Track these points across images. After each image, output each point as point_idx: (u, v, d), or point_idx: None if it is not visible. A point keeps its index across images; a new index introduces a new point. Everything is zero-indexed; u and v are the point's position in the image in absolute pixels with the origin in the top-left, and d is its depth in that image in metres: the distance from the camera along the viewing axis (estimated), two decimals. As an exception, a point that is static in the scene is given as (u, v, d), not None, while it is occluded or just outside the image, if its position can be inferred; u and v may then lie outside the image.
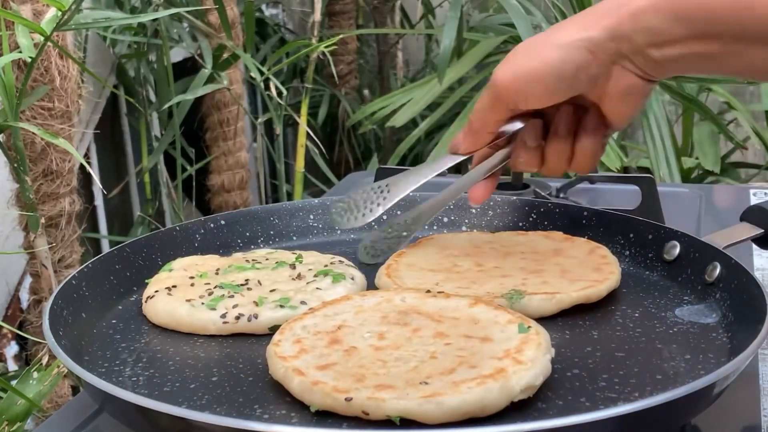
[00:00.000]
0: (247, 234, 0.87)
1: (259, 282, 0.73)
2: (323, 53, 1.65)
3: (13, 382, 0.87)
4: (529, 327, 0.61)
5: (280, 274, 0.75)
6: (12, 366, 1.40)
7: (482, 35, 2.03)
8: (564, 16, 2.06)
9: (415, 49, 2.65)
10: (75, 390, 1.24)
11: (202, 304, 0.69)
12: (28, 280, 1.29)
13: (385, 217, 0.89)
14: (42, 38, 0.98)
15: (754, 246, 0.83)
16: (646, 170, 1.82)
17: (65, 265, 1.22)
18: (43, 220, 1.14)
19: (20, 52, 1.00)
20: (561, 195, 1.03)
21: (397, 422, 0.52)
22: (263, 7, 2.41)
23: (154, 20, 1.61)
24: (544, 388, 0.57)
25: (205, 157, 1.91)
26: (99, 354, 0.65)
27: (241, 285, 0.73)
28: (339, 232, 0.89)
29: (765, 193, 1.08)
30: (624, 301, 0.72)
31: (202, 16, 1.68)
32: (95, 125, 1.72)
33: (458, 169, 0.79)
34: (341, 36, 2.05)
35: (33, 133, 1.05)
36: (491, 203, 0.89)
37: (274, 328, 0.66)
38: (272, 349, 0.60)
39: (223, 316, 0.68)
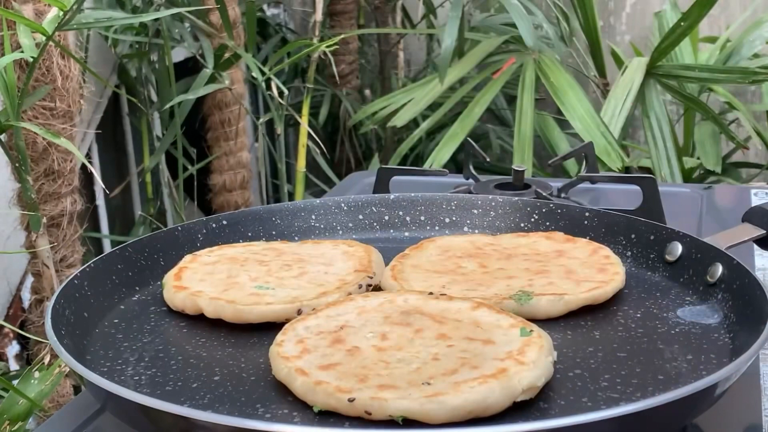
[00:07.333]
0: (249, 234, 0.86)
1: None
2: (324, 53, 1.65)
3: (15, 382, 0.87)
4: (531, 331, 0.61)
5: None
6: (13, 365, 1.40)
7: (483, 35, 2.03)
8: (565, 16, 2.06)
9: (417, 49, 2.65)
10: (77, 389, 1.24)
11: None
12: (30, 279, 1.29)
13: (387, 217, 0.90)
14: (44, 38, 0.99)
15: (756, 246, 0.84)
16: (648, 170, 1.82)
17: (67, 265, 1.22)
18: (44, 220, 1.14)
19: (22, 51, 1.00)
20: (562, 195, 1.03)
21: (400, 422, 0.52)
22: (264, 6, 2.41)
23: (156, 20, 1.61)
24: (546, 389, 0.57)
25: (206, 157, 1.91)
26: (101, 353, 0.65)
27: None
28: (341, 232, 0.89)
29: (766, 194, 1.08)
30: (626, 302, 0.72)
31: (203, 16, 1.68)
32: (97, 125, 1.73)
33: (459, 169, 0.79)
34: (342, 36, 2.05)
35: (35, 132, 1.05)
36: (493, 204, 0.89)
37: None
38: (275, 350, 0.60)
39: None
